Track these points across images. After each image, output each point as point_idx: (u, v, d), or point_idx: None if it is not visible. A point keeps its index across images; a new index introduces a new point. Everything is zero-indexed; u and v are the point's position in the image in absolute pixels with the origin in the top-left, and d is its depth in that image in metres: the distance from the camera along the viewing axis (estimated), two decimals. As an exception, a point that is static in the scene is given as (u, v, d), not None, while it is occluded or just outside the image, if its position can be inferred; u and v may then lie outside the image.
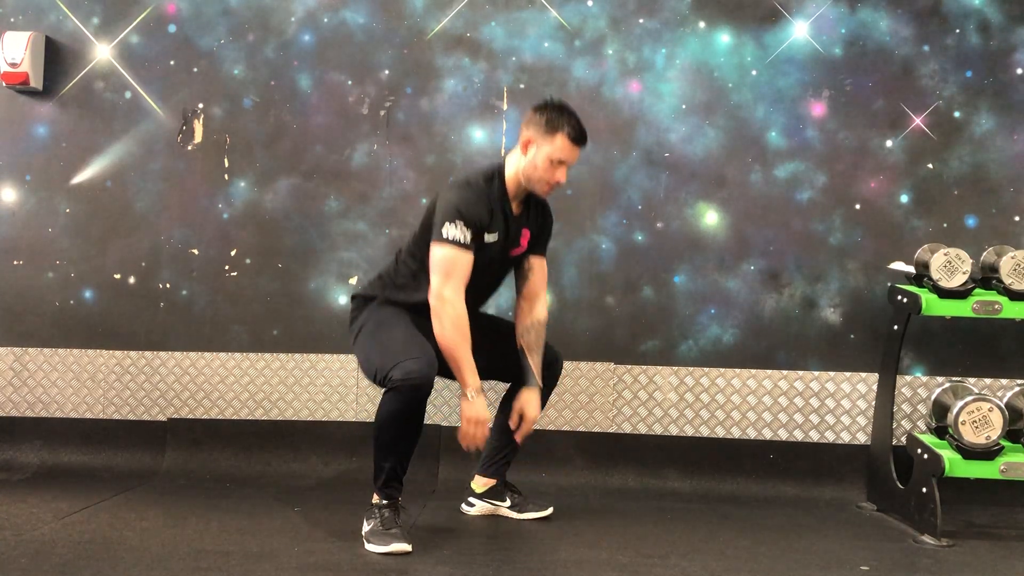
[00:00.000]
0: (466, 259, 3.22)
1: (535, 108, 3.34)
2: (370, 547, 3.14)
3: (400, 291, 3.39)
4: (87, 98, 4.36)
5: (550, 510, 3.60)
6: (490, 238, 3.31)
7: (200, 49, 4.34)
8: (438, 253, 3.22)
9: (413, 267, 3.37)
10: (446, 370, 3.29)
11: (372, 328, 3.35)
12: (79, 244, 4.35)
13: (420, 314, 3.31)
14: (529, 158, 3.30)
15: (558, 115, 3.29)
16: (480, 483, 3.65)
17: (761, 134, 4.23)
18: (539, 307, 3.51)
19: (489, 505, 3.63)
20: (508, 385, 3.59)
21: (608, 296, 4.25)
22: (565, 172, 3.32)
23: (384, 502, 3.23)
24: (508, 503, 3.61)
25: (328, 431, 4.28)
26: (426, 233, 3.31)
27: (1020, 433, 3.63)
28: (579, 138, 3.30)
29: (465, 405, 3.20)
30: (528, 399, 3.40)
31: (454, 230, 3.19)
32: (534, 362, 3.45)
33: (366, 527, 3.20)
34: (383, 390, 3.19)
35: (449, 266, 3.20)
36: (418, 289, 3.33)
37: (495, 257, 3.37)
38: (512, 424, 3.42)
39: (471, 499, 3.66)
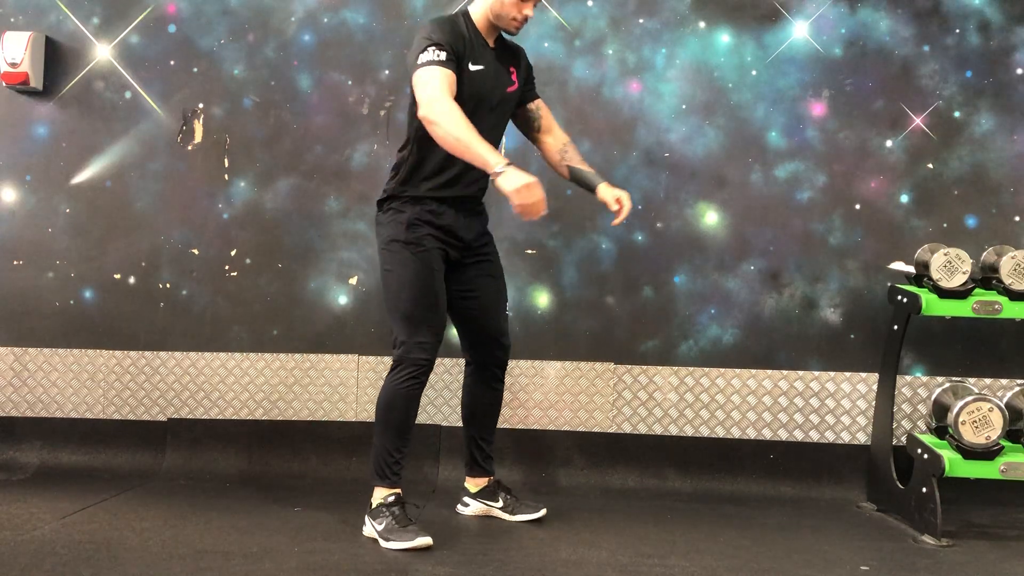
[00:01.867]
0: (446, 73, 3.13)
1: None
2: (390, 545, 3.14)
3: (417, 173, 3.33)
4: (87, 98, 4.36)
5: (543, 512, 3.59)
6: (476, 68, 3.26)
7: (200, 49, 4.34)
8: (417, 79, 3.14)
9: (415, 133, 3.31)
10: None
11: (398, 275, 3.31)
12: (79, 244, 4.35)
13: (443, 203, 3.33)
14: None
15: None
16: (473, 483, 3.66)
17: (761, 134, 4.23)
18: (559, 132, 3.58)
19: (483, 505, 3.63)
20: (466, 370, 3.62)
21: (608, 296, 4.25)
22: (532, 7, 3.30)
23: (390, 499, 3.23)
24: (500, 504, 3.61)
25: (328, 431, 4.28)
26: (413, 101, 3.26)
27: (1020, 433, 3.63)
28: None
29: (503, 181, 3.01)
30: (609, 189, 3.43)
31: (427, 55, 3.14)
32: (587, 168, 3.52)
33: (378, 527, 3.20)
34: (390, 366, 3.29)
35: (428, 81, 3.11)
36: (430, 160, 3.30)
37: (489, 93, 3.32)
38: (614, 211, 3.42)
39: (466, 499, 3.67)
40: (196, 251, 4.34)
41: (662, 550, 3.25)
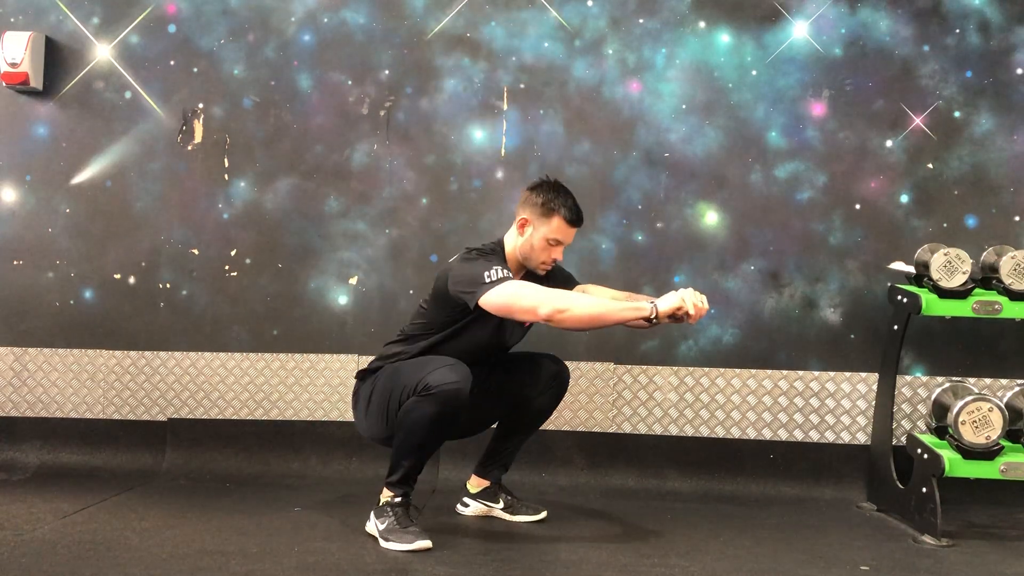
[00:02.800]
0: (532, 283, 3.18)
1: (530, 188, 3.35)
2: (389, 545, 3.13)
3: (413, 349, 3.32)
4: (87, 98, 4.36)
5: (543, 514, 3.59)
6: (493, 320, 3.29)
7: (200, 49, 4.34)
8: (504, 292, 3.08)
9: (424, 332, 3.33)
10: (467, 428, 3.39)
11: (388, 375, 3.29)
12: (79, 244, 4.35)
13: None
14: (526, 238, 3.32)
15: (554, 196, 3.30)
16: (475, 483, 3.65)
17: (761, 134, 4.23)
18: (616, 293, 3.49)
19: (483, 506, 3.63)
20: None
21: (608, 296, 4.25)
22: (562, 251, 3.35)
23: (396, 500, 3.22)
24: (501, 504, 3.61)
25: (328, 431, 4.28)
26: (440, 302, 3.27)
27: (1020, 433, 3.63)
28: (575, 220, 3.31)
29: (662, 306, 3.04)
30: (669, 298, 3.11)
31: (495, 274, 3.11)
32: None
33: (380, 526, 3.19)
34: (416, 396, 3.13)
35: (526, 290, 3.10)
36: (431, 343, 3.31)
37: (493, 343, 3.37)
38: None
39: (466, 499, 3.67)
40: (196, 251, 4.34)
41: (662, 550, 3.24)
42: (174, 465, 4.23)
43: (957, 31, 4.17)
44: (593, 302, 3.14)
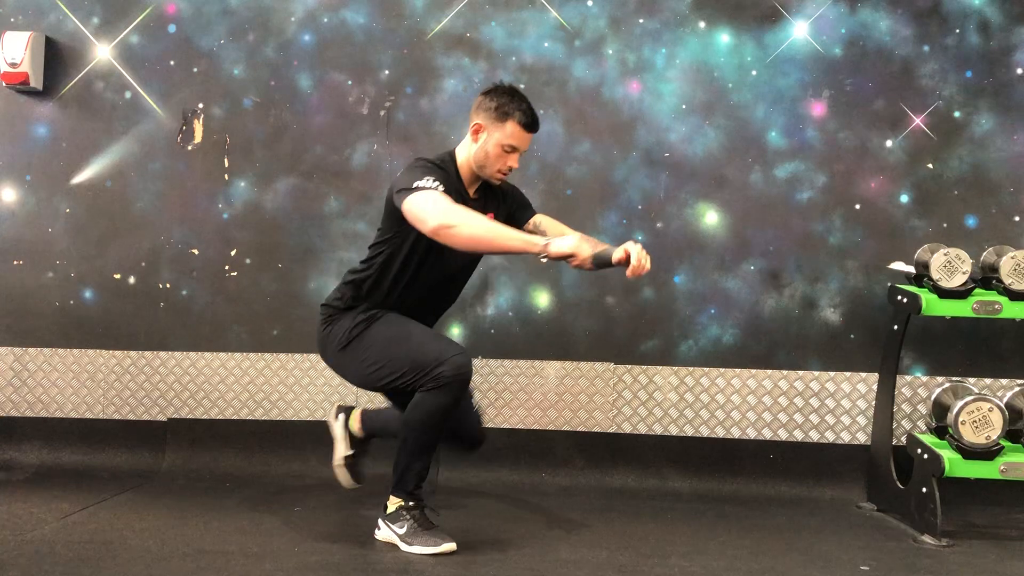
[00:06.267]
0: (446, 198, 3.00)
1: (484, 93, 3.22)
2: (414, 549, 3.09)
3: (377, 289, 3.24)
4: (87, 98, 4.36)
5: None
6: None
7: (200, 49, 4.34)
8: (415, 200, 2.99)
9: (380, 249, 3.23)
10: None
11: (379, 333, 3.20)
12: (79, 244, 4.35)
13: (409, 313, 3.23)
14: (480, 145, 3.18)
15: (508, 100, 3.16)
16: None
17: (761, 134, 4.23)
18: (569, 230, 3.31)
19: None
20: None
21: (608, 296, 4.25)
22: (517, 159, 3.20)
23: (411, 503, 3.16)
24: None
25: (328, 431, 4.27)
26: (387, 213, 3.18)
27: (1020, 433, 3.63)
28: (531, 124, 3.17)
29: (555, 248, 2.96)
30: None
31: (425, 182, 3.02)
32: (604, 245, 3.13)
33: (399, 531, 3.14)
34: (424, 389, 3.05)
35: (431, 199, 2.98)
36: (389, 267, 3.21)
37: (453, 260, 3.21)
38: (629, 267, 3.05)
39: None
40: (196, 251, 4.34)
41: (662, 550, 3.25)
42: (173, 465, 4.23)
43: (957, 31, 4.17)
44: (487, 225, 2.98)
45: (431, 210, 2.97)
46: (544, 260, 3.02)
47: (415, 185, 3.02)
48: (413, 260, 3.20)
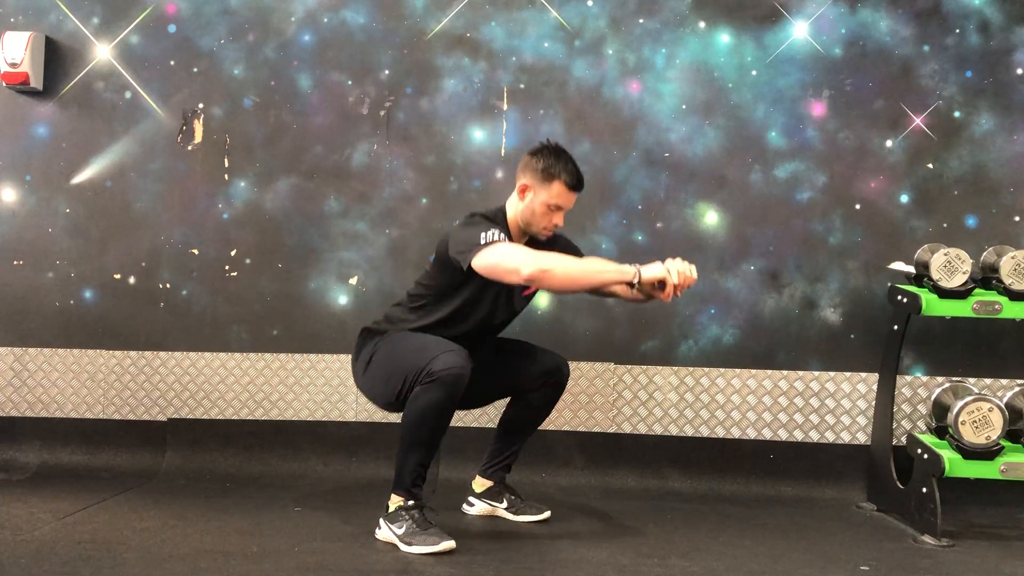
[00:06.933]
0: (523, 246, 3.19)
1: (531, 153, 3.35)
2: (413, 549, 3.10)
3: (414, 317, 3.38)
4: (87, 98, 4.36)
5: (547, 514, 3.59)
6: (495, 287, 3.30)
7: (200, 49, 4.34)
8: (492, 254, 3.08)
9: (424, 296, 3.37)
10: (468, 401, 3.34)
11: (389, 348, 3.32)
12: (79, 244, 4.35)
13: (438, 332, 3.32)
14: (526, 203, 3.32)
15: (555, 161, 3.29)
16: (480, 484, 3.66)
17: (761, 134, 4.23)
18: None
19: (487, 506, 3.64)
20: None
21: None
22: (562, 216, 3.34)
23: (410, 503, 3.19)
24: (505, 504, 3.62)
25: (328, 431, 4.28)
26: (439, 265, 3.29)
27: (1020, 433, 3.63)
28: (576, 184, 3.31)
29: (647, 273, 3.07)
30: (654, 266, 3.11)
31: (492, 235, 3.12)
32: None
33: (398, 531, 3.16)
34: (420, 385, 3.13)
35: (511, 252, 3.09)
36: (432, 313, 3.34)
37: (501, 299, 3.38)
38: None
39: (471, 499, 3.67)
40: (196, 251, 4.34)
41: (662, 550, 3.25)
42: (174, 465, 4.23)
43: (957, 31, 4.17)
44: (576, 263, 3.20)
45: (519, 259, 3.07)
46: (636, 287, 3.12)
47: (484, 241, 3.11)
48: (459, 313, 3.35)
